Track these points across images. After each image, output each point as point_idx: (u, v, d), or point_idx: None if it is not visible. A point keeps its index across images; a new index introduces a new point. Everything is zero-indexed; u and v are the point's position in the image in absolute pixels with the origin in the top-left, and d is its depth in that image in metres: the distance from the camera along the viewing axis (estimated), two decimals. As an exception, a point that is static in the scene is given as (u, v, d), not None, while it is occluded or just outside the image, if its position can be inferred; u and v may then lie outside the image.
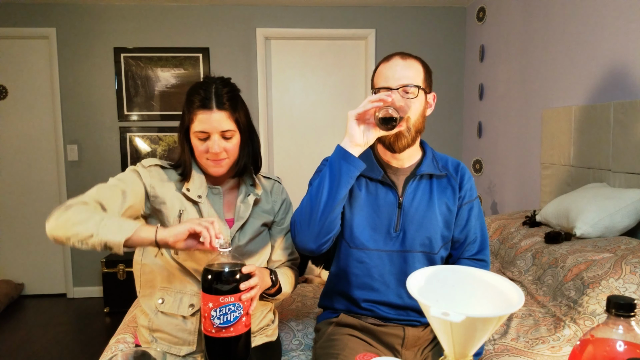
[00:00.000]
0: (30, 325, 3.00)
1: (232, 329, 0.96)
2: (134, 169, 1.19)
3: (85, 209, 1.02)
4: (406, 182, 1.20)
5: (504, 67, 2.94)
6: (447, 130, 3.61)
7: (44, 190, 3.52)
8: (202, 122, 1.12)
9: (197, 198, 1.18)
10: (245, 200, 1.24)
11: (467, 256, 1.23)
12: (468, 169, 1.28)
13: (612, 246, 1.57)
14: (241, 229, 1.22)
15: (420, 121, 1.16)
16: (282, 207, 1.33)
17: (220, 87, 1.16)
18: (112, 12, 3.36)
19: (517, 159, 2.84)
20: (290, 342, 1.38)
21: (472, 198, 1.24)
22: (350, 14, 3.48)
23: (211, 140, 1.13)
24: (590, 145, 2.07)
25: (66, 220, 0.99)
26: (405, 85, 1.12)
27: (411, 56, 1.17)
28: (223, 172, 1.19)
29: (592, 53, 2.11)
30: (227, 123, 1.14)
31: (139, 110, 3.46)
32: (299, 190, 3.82)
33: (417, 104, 1.13)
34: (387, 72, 1.14)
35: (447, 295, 0.72)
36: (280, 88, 3.58)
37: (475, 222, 1.24)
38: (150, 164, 1.20)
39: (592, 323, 1.30)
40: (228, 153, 1.16)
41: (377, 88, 1.15)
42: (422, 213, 1.18)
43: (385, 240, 1.19)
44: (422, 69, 1.16)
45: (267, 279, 1.15)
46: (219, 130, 1.13)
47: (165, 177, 1.20)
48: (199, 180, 1.21)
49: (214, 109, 1.12)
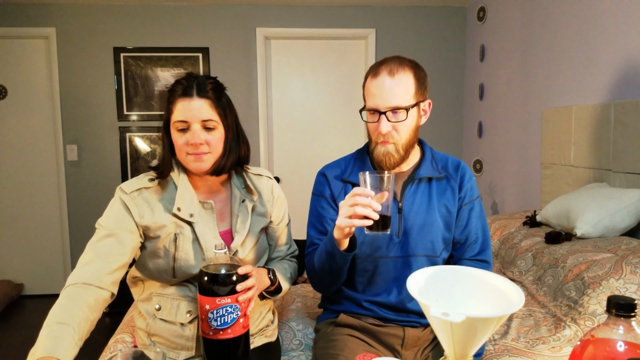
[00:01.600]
0: (30, 325, 3.00)
1: (230, 330, 0.95)
2: (120, 199, 1.08)
3: (60, 307, 0.95)
4: (404, 186, 1.19)
5: (504, 67, 2.94)
6: (447, 130, 3.61)
7: (44, 190, 3.51)
8: (181, 111, 1.05)
9: (189, 218, 1.09)
10: (242, 209, 1.17)
11: (469, 257, 1.22)
12: (469, 168, 1.27)
13: (613, 246, 1.56)
14: (243, 241, 1.17)
15: (411, 137, 1.14)
16: (276, 206, 1.27)
17: (202, 78, 1.09)
18: (112, 12, 3.36)
19: (518, 159, 2.84)
20: (291, 342, 1.37)
21: (473, 198, 1.23)
22: (350, 14, 3.48)
23: (191, 131, 1.06)
24: (591, 145, 2.06)
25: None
26: (394, 108, 1.09)
27: (401, 66, 1.11)
28: (205, 169, 1.09)
29: (592, 53, 2.11)
30: (209, 112, 1.06)
31: (138, 110, 3.46)
32: (298, 190, 3.83)
33: (406, 124, 1.12)
34: (375, 90, 1.11)
35: (447, 295, 0.72)
36: (280, 88, 3.58)
37: (476, 222, 1.22)
38: (132, 190, 1.09)
39: (593, 323, 1.30)
40: (210, 147, 1.08)
41: (367, 109, 1.14)
42: (422, 217, 1.17)
43: (388, 247, 1.18)
44: (413, 81, 1.11)
45: (265, 278, 1.13)
46: (199, 119, 1.05)
47: (151, 198, 1.10)
48: (188, 195, 1.12)
49: (194, 96, 1.06)
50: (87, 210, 3.47)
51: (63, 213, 3.47)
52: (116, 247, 1.04)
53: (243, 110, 3.44)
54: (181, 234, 1.10)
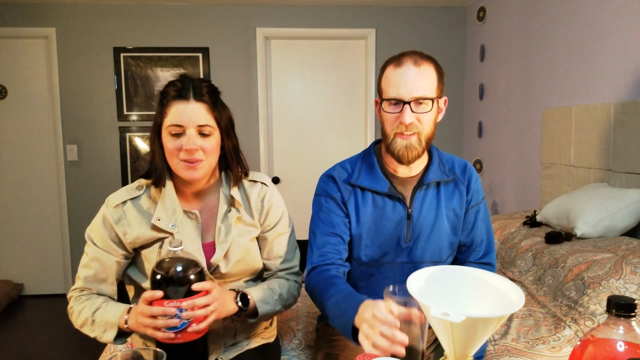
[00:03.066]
0: (30, 325, 3.00)
1: (180, 335, 0.88)
2: (103, 217, 1.08)
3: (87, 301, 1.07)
4: (414, 191, 1.16)
5: (504, 67, 2.94)
6: (447, 130, 3.61)
7: (44, 190, 3.51)
8: (176, 115, 1.00)
9: (169, 228, 1.05)
10: (225, 220, 1.10)
11: (473, 260, 1.20)
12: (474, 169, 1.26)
13: (613, 246, 1.56)
14: (225, 253, 1.09)
15: (432, 131, 1.10)
16: (268, 214, 1.16)
17: (198, 81, 1.04)
18: (112, 11, 3.36)
19: (518, 159, 2.84)
20: (291, 341, 1.37)
21: (479, 200, 1.21)
22: (350, 14, 3.48)
23: (186, 136, 1.00)
24: (591, 145, 2.06)
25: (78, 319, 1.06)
26: (418, 99, 1.05)
27: (424, 59, 1.08)
28: (198, 177, 1.04)
29: (592, 53, 2.11)
30: (206, 117, 1.01)
31: (138, 110, 3.46)
32: (298, 190, 3.83)
33: (430, 116, 1.08)
34: (399, 80, 1.05)
35: (448, 295, 0.72)
36: (280, 88, 3.58)
37: (481, 224, 1.20)
38: (118, 203, 1.07)
39: (593, 323, 1.30)
40: (205, 153, 1.02)
41: (386, 99, 1.07)
42: (430, 223, 1.15)
43: (395, 252, 1.16)
44: (436, 74, 1.08)
45: (231, 304, 1.02)
46: (195, 124, 1.00)
47: (136, 212, 1.07)
48: (171, 204, 1.06)
49: (190, 99, 1.00)
50: (87, 210, 3.47)
51: (63, 213, 3.47)
52: (104, 269, 1.08)
53: (243, 110, 3.45)
54: (164, 242, 1.07)
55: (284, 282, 1.17)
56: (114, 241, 1.08)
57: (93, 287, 1.09)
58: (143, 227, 1.06)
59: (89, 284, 1.09)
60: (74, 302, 1.08)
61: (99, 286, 1.10)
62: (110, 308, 1.03)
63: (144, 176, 1.10)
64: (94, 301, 1.06)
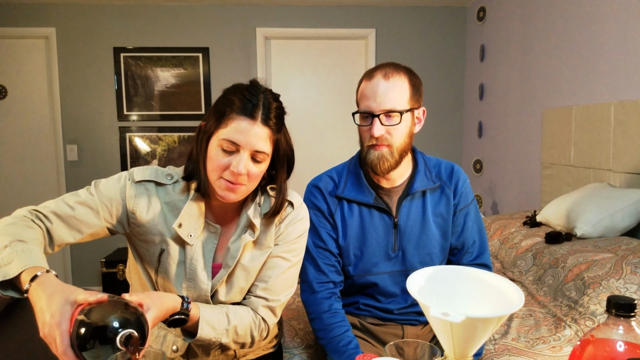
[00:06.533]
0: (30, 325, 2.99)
1: None
2: (122, 181, 0.96)
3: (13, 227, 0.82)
4: (399, 201, 1.16)
5: (504, 67, 2.94)
6: (447, 130, 3.61)
7: (44, 190, 3.51)
8: (236, 132, 0.89)
9: (187, 238, 0.95)
10: (236, 242, 0.99)
11: (467, 262, 1.20)
12: (463, 170, 1.25)
13: (613, 246, 1.56)
14: (228, 279, 0.99)
15: (405, 143, 1.10)
16: (282, 235, 1.04)
17: (270, 99, 0.94)
18: (112, 11, 3.36)
19: (518, 159, 2.84)
20: (292, 340, 1.38)
21: (468, 202, 1.20)
22: (350, 14, 3.48)
23: (238, 156, 0.90)
24: (591, 145, 2.06)
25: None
26: (388, 111, 1.06)
27: (396, 70, 1.08)
28: (235, 200, 0.95)
29: (592, 53, 2.11)
30: (265, 144, 0.92)
31: (138, 110, 3.46)
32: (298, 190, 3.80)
33: (400, 128, 1.08)
34: (369, 93, 1.07)
35: (447, 295, 0.72)
36: (280, 88, 3.58)
37: (472, 226, 1.20)
38: (142, 179, 0.96)
39: (593, 323, 1.30)
40: (249, 178, 0.92)
41: (360, 112, 1.10)
42: (418, 231, 1.16)
43: (385, 262, 1.17)
44: (408, 86, 1.08)
45: (168, 300, 0.84)
46: (252, 148, 0.90)
47: (156, 199, 0.96)
48: (197, 211, 0.97)
49: (258, 119, 0.90)
50: (87, 210, 3.46)
51: (63, 213, 3.47)
52: (85, 222, 0.92)
53: (243, 110, 3.44)
54: (167, 252, 0.96)
55: (247, 317, 0.99)
56: (117, 207, 0.95)
57: (53, 224, 0.89)
58: (157, 219, 0.96)
59: (53, 218, 0.89)
60: (10, 217, 0.86)
61: (59, 230, 0.89)
62: (37, 254, 0.81)
63: (186, 178, 0.99)
64: (29, 233, 0.83)
